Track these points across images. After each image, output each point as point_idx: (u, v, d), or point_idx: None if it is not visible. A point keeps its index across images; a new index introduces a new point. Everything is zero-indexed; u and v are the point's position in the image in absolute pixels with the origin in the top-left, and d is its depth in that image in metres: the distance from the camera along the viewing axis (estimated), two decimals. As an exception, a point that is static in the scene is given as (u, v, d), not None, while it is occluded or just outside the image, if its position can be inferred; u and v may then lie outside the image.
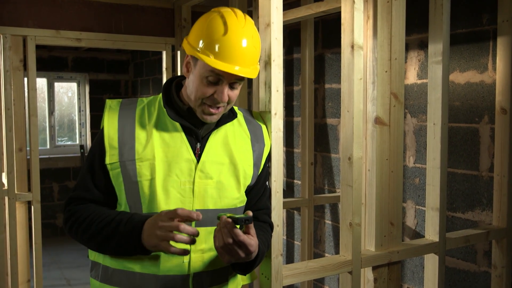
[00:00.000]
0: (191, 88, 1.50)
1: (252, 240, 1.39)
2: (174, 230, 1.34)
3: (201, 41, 1.45)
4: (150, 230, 1.38)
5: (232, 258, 1.39)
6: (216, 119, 1.53)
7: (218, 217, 1.39)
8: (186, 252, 1.37)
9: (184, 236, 1.35)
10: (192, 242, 1.37)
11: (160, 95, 1.58)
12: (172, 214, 1.35)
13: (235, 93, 1.51)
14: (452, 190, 2.75)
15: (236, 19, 1.46)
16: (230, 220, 1.35)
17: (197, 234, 1.37)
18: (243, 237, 1.35)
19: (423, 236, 2.38)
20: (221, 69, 1.42)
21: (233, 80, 1.47)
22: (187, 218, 1.35)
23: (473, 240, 2.35)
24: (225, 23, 1.45)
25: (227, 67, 1.42)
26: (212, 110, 1.49)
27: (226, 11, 1.48)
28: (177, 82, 1.61)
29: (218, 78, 1.45)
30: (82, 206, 1.52)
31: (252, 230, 1.40)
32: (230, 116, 1.60)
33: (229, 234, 1.35)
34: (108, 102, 1.57)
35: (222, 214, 1.40)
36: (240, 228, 1.38)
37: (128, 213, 1.47)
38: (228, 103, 1.51)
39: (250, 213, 1.39)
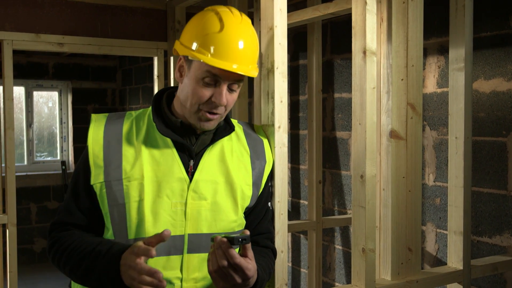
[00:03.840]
0: (185, 93, 1.51)
1: (249, 264, 1.38)
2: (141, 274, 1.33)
3: (195, 40, 1.49)
4: (123, 268, 1.37)
5: (228, 284, 1.38)
6: (213, 125, 1.53)
7: (212, 239, 1.39)
8: None
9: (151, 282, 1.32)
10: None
11: (150, 108, 1.58)
12: (137, 251, 1.34)
13: (233, 97, 1.52)
14: (477, 211, 2.74)
15: (232, 16, 1.51)
16: (225, 239, 1.34)
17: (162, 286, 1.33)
18: (239, 259, 1.35)
19: (445, 264, 2.38)
20: (219, 66, 1.44)
21: (231, 81, 1.49)
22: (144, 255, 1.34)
23: (502, 268, 2.34)
24: (220, 20, 1.49)
25: (225, 65, 1.45)
26: (210, 116, 1.50)
27: (221, 8, 1.53)
28: (168, 93, 1.62)
29: (215, 79, 1.47)
30: (65, 233, 1.52)
31: (250, 253, 1.39)
32: (227, 129, 1.60)
33: (224, 256, 1.35)
34: (94, 116, 1.58)
35: (216, 234, 1.39)
36: (237, 250, 1.38)
37: (109, 243, 1.46)
38: (226, 109, 1.52)
39: (247, 232, 1.39)
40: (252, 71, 1.51)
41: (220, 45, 1.46)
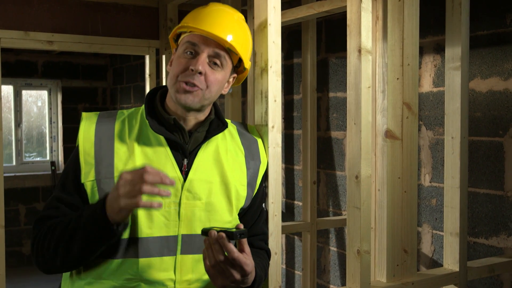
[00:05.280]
0: (169, 75, 1.56)
1: (247, 259, 1.37)
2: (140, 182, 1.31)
3: (184, 19, 1.58)
4: (112, 194, 1.35)
5: (226, 280, 1.37)
6: (192, 100, 1.51)
7: (205, 232, 1.37)
8: (160, 205, 1.34)
9: (153, 188, 1.31)
10: (166, 193, 1.32)
11: (143, 106, 1.59)
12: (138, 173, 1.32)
13: (215, 76, 1.53)
14: (474, 212, 2.76)
15: (222, 4, 1.62)
16: (223, 234, 1.33)
17: (170, 183, 1.32)
18: (237, 254, 1.34)
19: (441, 265, 2.38)
20: (194, 25, 1.51)
21: (210, 50, 1.52)
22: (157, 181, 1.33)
23: (499, 269, 2.35)
24: (209, 4, 1.60)
25: (202, 26, 1.51)
26: (185, 87, 1.50)
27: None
28: (162, 92, 1.62)
29: (195, 50, 1.52)
30: (50, 222, 1.49)
31: (247, 248, 1.39)
32: (219, 126, 1.61)
33: (221, 251, 1.34)
34: (84, 114, 1.58)
35: (209, 228, 1.38)
36: (234, 245, 1.37)
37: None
38: (207, 86, 1.52)
39: (242, 226, 1.39)
40: (232, 41, 1.54)
41: (201, 15, 1.55)
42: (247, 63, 1.62)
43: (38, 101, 6.93)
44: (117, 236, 1.41)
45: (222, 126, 1.61)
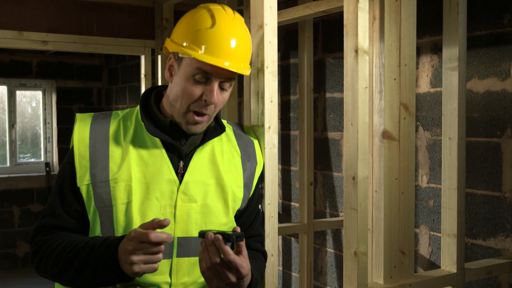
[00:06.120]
0: (175, 92, 1.50)
1: (243, 262, 1.37)
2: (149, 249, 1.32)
3: (186, 36, 1.49)
4: (122, 255, 1.34)
5: (222, 282, 1.37)
6: (201, 129, 1.53)
7: (202, 234, 1.38)
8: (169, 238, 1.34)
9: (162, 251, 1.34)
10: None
11: (138, 107, 1.58)
12: (144, 238, 1.32)
13: (224, 96, 1.52)
14: (471, 213, 2.76)
15: (225, 13, 1.52)
16: (220, 236, 1.34)
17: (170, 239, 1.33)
18: (233, 256, 1.34)
19: (439, 267, 2.38)
20: (210, 62, 1.44)
21: (222, 78, 1.49)
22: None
23: (496, 271, 2.35)
24: (212, 16, 1.49)
25: (216, 61, 1.45)
26: (198, 118, 1.49)
27: (214, 6, 1.54)
28: (156, 92, 1.62)
29: (206, 77, 1.47)
30: (51, 236, 1.49)
31: (244, 251, 1.39)
32: (217, 129, 1.60)
33: (217, 253, 1.34)
34: (78, 116, 1.57)
35: (206, 230, 1.39)
36: (231, 247, 1.38)
37: (102, 237, 1.45)
38: (215, 108, 1.52)
39: (239, 229, 1.39)
40: (244, 69, 1.52)
41: (211, 42, 1.47)
42: (249, 70, 1.62)
43: (32, 101, 6.91)
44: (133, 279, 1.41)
45: (220, 130, 1.61)
